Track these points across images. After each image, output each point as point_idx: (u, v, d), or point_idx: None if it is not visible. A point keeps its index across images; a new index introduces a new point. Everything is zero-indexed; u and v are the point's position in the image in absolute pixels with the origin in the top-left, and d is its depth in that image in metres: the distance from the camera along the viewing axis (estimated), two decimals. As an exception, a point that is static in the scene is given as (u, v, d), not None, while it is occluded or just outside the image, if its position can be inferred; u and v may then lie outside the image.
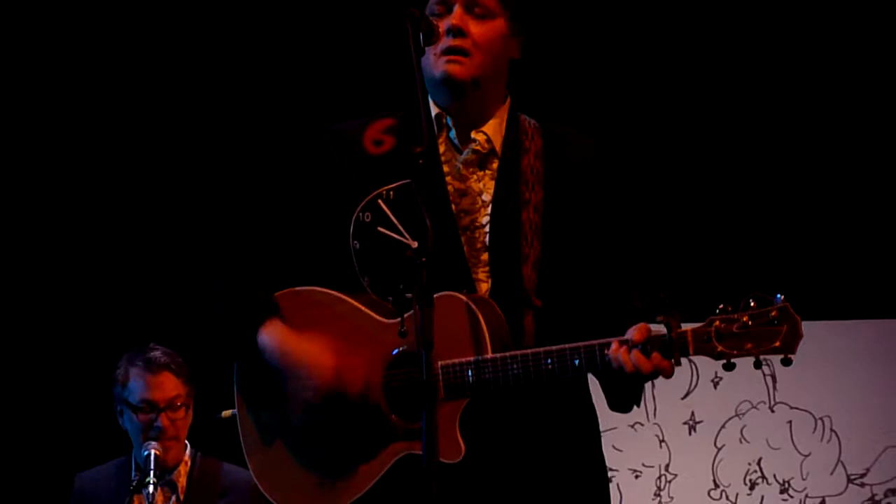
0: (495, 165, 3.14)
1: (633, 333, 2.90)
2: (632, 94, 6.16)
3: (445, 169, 3.13)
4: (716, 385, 6.33)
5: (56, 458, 5.83)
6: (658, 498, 6.29)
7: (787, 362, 2.83)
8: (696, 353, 2.88)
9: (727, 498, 6.28)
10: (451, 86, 3.09)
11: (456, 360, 2.94)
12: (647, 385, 6.63)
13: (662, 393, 6.30)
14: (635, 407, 3.12)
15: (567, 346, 2.91)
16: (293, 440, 3.10)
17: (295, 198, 3.22)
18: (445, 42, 3.07)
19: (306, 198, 3.20)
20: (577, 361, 2.90)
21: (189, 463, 4.78)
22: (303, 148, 3.27)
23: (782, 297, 2.84)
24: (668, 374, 2.90)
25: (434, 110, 3.16)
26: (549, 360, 2.91)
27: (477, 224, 3.10)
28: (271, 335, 3.06)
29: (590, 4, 6.05)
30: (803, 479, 6.27)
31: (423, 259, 2.69)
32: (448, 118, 3.16)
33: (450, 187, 3.12)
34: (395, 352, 3.02)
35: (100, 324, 6.05)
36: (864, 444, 6.26)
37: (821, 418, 6.29)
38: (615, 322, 2.98)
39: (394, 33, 2.97)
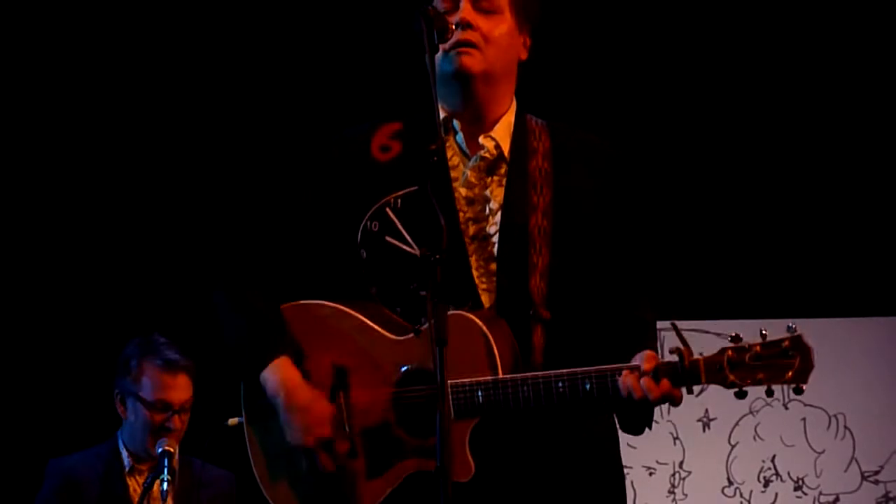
0: (504, 171, 3.11)
1: (642, 362, 2.88)
2: (632, 98, 6.14)
3: (454, 175, 3.10)
4: (730, 382, 6.33)
5: (25, 447, 5.83)
6: (672, 495, 6.29)
7: (798, 391, 2.83)
8: (707, 382, 2.90)
9: (741, 495, 6.28)
10: (463, 79, 3.06)
11: (466, 380, 2.91)
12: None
13: (676, 390, 6.31)
14: (647, 430, 3.08)
15: (579, 369, 2.89)
16: (301, 454, 3.07)
17: (301, 203, 3.18)
18: (455, 36, 3.04)
19: (313, 204, 3.16)
20: (588, 385, 2.88)
21: (177, 457, 4.82)
22: (309, 152, 3.24)
23: (795, 326, 2.83)
24: (677, 402, 2.90)
25: (442, 114, 3.11)
26: (561, 384, 2.88)
27: (485, 233, 3.07)
28: (275, 379, 3.05)
29: (590, 5, 6.03)
30: (817, 477, 6.27)
31: (437, 257, 2.68)
32: (456, 122, 3.13)
33: (458, 194, 3.09)
34: (404, 369, 3.00)
35: (96, 317, 6.04)
36: (878, 441, 6.26)
37: (835, 415, 6.28)
38: (625, 334, 2.97)
39: (403, 33, 2.97)
